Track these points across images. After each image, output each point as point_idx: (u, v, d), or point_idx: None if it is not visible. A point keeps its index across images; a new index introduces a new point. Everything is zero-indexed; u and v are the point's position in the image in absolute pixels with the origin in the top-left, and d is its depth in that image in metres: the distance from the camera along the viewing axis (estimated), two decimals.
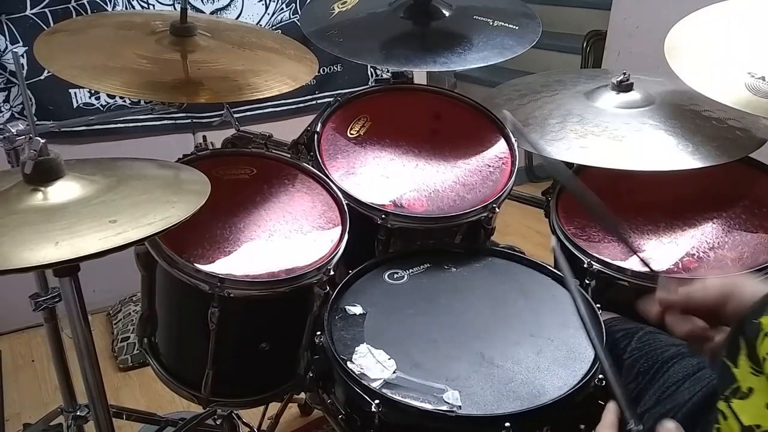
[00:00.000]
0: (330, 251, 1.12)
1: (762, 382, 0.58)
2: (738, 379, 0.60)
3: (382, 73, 2.40)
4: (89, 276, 0.96)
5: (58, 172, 0.90)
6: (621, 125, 1.26)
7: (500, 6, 1.50)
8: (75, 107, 2.06)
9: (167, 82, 1.17)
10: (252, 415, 1.61)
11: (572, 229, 1.21)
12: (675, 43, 1.23)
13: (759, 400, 0.58)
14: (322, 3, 1.50)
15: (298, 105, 2.37)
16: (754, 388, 0.59)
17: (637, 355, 0.90)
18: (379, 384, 0.86)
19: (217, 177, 1.19)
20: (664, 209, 1.24)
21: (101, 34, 1.30)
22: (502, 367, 0.90)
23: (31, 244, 0.79)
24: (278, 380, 1.19)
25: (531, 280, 1.10)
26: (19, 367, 2.08)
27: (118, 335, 2.13)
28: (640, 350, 0.90)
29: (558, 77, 1.51)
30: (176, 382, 1.20)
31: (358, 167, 1.26)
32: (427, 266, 1.12)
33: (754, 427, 0.57)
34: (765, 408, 0.57)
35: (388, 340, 0.94)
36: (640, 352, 0.90)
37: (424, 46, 1.40)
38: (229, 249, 1.10)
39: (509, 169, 1.28)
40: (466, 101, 1.40)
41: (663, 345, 0.89)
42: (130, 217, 0.85)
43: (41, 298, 1.30)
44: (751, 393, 0.59)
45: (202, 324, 1.06)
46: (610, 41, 2.67)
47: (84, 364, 0.99)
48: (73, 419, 1.38)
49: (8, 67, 1.93)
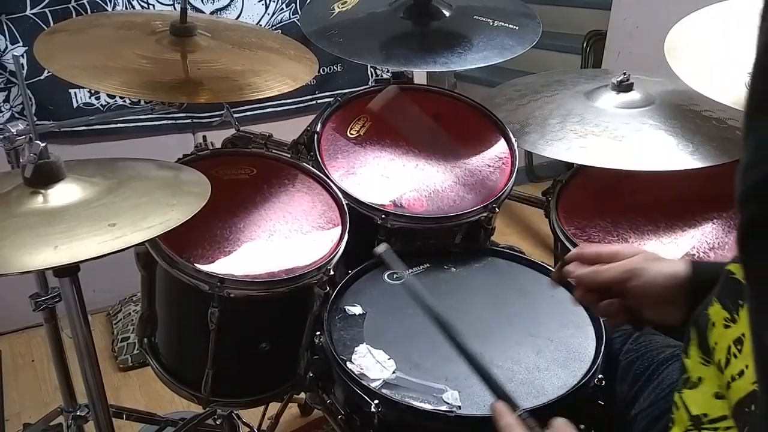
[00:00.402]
0: (330, 251, 1.12)
1: (711, 371, 0.58)
2: (689, 369, 0.61)
3: (382, 73, 2.39)
4: (89, 276, 0.96)
5: (58, 174, 0.90)
6: (621, 125, 1.26)
7: (500, 6, 1.50)
8: (75, 107, 2.06)
9: (167, 82, 1.17)
10: (252, 415, 1.61)
11: (572, 230, 1.21)
12: (675, 43, 1.23)
13: (708, 389, 0.58)
14: (322, 3, 1.50)
15: (298, 105, 2.37)
16: (703, 377, 0.59)
17: (633, 357, 0.90)
18: (379, 384, 0.86)
19: (217, 177, 1.19)
20: (664, 209, 1.24)
21: (101, 34, 1.31)
22: (502, 367, 0.90)
23: (30, 248, 0.79)
24: (278, 380, 1.19)
25: (531, 280, 1.10)
26: (19, 367, 2.08)
27: (118, 335, 2.12)
28: (636, 351, 0.91)
29: (558, 77, 1.51)
30: (176, 382, 1.20)
31: (358, 167, 1.26)
32: (427, 266, 1.12)
33: (701, 416, 0.58)
34: (713, 397, 0.58)
35: (388, 341, 0.94)
36: (636, 353, 0.90)
37: (424, 46, 1.40)
38: (229, 249, 1.10)
39: (509, 169, 1.28)
40: (466, 101, 1.40)
41: (659, 346, 0.89)
42: (130, 220, 0.85)
43: (41, 298, 1.30)
44: (701, 382, 0.60)
45: (202, 324, 1.06)
46: (610, 41, 2.67)
47: (84, 364, 0.99)
48: (73, 419, 1.38)
49: (8, 67, 1.92)
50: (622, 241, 1.19)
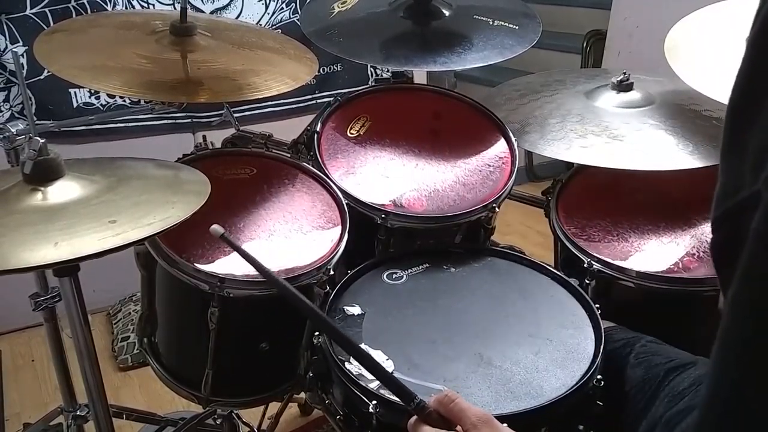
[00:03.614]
0: (330, 251, 1.12)
1: None
2: None
3: (382, 73, 2.40)
4: (89, 276, 0.96)
5: (57, 171, 0.90)
6: (621, 125, 1.26)
7: (500, 6, 1.50)
8: (75, 107, 2.06)
9: (167, 81, 1.17)
10: (252, 415, 1.61)
11: (572, 229, 1.21)
12: (675, 43, 1.23)
13: None
14: (322, 3, 1.50)
15: (298, 105, 2.37)
16: None
17: (640, 366, 0.90)
18: (377, 385, 0.85)
19: (217, 177, 1.18)
20: (664, 209, 1.24)
21: (101, 34, 1.31)
22: (501, 368, 0.90)
23: (30, 245, 0.79)
24: (278, 380, 1.19)
25: (530, 280, 1.10)
26: (19, 367, 2.08)
27: (118, 335, 2.13)
28: (642, 361, 0.91)
29: (558, 77, 1.51)
30: (176, 382, 1.20)
31: (358, 167, 1.26)
32: (427, 266, 1.12)
33: None
34: None
35: (387, 341, 0.94)
36: (646, 359, 0.90)
37: (424, 46, 1.40)
38: (229, 249, 1.10)
39: (509, 168, 1.28)
40: (466, 101, 1.39)
41: (664, 355, 0.90)
42: (130, 218, 0.85)
43: (41, 297, 1.31)
44: None
45: (202, 324, 1.06)
46: (610, 41, 2.67)
47: (84, 364, 0.99)
48: (73, 419, 1.38)
49: (8, 66, 1.93)
50: (623, 242, 1.19)
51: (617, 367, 0.93)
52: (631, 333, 0.98)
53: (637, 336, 0.97)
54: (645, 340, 0.95)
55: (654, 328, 0.99)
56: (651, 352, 0.92)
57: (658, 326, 1.01)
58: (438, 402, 0.69)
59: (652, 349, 0.92)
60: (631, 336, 0.97)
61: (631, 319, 1.03)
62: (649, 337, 0.96)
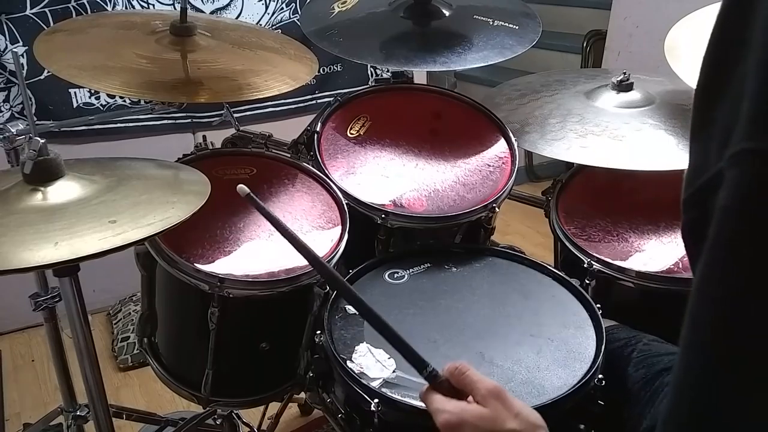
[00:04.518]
0: (330, 251, 1.12)
1: None
2: None
3: (382, 73, 2.39)
4: (89, 276, 0.96)
5: (57, 171, 0.90)
6: (621, 125, 1.26)
7: (500, 6, 1.50)
8: (75, 107, 2.06)
9: (167, 82, 1.17)
10: (252, 415, 1.61)
11: (572, 229, 1.21)
12: (675, 43, 1.23)
13: None
14: (322, 3, 1.50)
15: (298, 105, 2.37)
16: None
17: (642, 363, 0.90)
18: (379, 383, 0.85)
19: (217, 177, 1.18)
20: (664, 209, 1.24)
21: (101, 34, 1.31)
22: (502, 367, 0.90)
23: (30, 245, 0.79)
24: (278, 380, 1.19)
25: (532, 280, 1.10)
26: (19, 367, 2.08)
27: (118, 335, 2.13)
28: (644, 359, 0.91)
29: (558, 77, 1.51)
30: (176, 382, 1.20)
31: (358, 167, 1.26)
32: (428, 266, 1.12)
33: None
34: None
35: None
36: (644, 360, 0.90)
37: (424, 46, 1.40)
38: (229, 249, 1.10)
39: (509, 168, 1.28)
40: (466, 101, 1.39)
41: (665, 354, 0.90)
42: (130, 218, 0.85)
43: (41, 297, 1.30)
44: None
45: (202, 324, 1.06)
46: (610, 41, 2.67)
47: (84, 364, 0.99)
48: (73, 419, 1.38)
49: (8, 66, 1.93)
50: (623, 242, 1.19)
51: (618, 367, 0.93)
52: (633, 332, 0.98)
53: (639, 335, 0.97)
54: (647, 339, 0.95)
55: (654, 328, 0.99)
56: (652, 351, 0.92)
57: (658, 326, 1.01)
58: (450, 372, 0.70)
59: (654, 348, 0.92)
60: (632, 335, 0.97)
61: (632, 319, 1.03)
62: (651, 336, 0.96)
